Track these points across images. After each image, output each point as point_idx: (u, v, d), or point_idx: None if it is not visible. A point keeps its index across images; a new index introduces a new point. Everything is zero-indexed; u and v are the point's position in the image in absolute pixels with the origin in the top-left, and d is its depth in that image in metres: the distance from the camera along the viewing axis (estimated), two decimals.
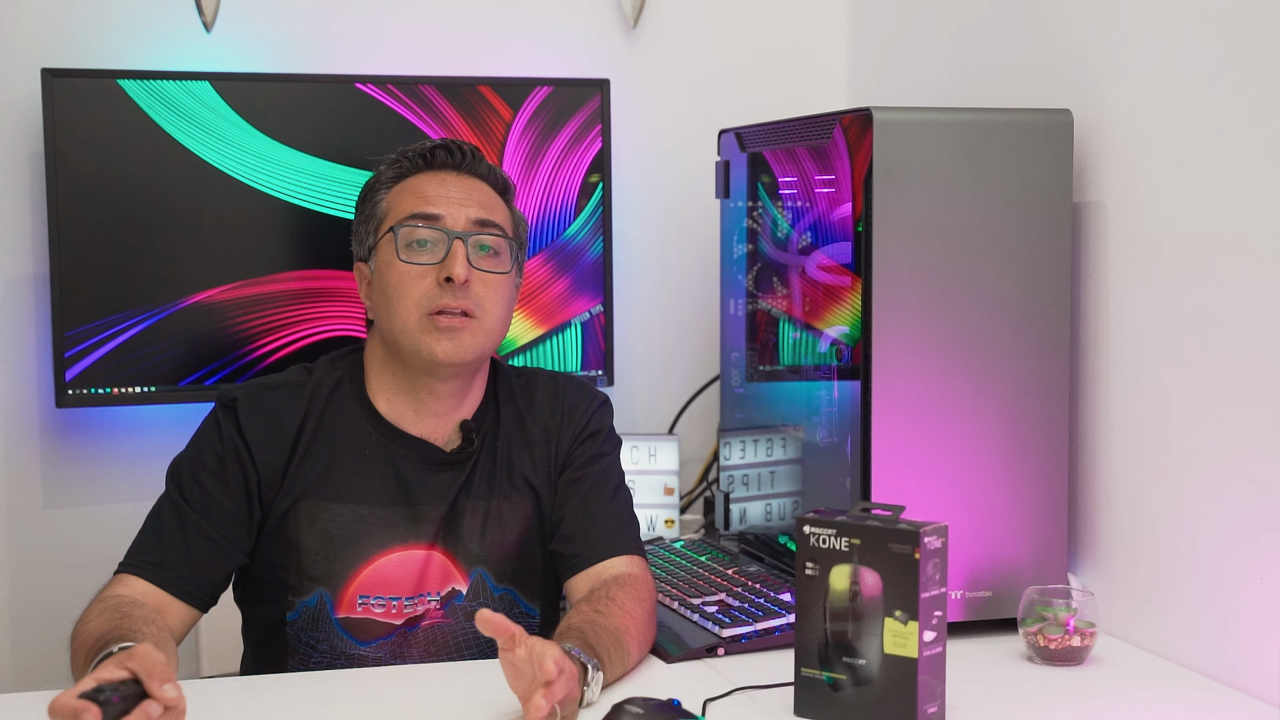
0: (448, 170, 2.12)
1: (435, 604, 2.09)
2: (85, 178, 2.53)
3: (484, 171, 2.14)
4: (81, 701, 1.54)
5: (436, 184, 2.10)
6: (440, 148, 2.12)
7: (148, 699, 1.59)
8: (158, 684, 1.60)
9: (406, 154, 2.13)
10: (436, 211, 2.07)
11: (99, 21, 2.68)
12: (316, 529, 2.06)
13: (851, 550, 1.80)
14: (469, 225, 2.07)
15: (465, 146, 2.14)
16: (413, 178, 2.11)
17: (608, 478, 2.16)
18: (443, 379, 2.08)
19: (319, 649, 2.07)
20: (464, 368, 2.07)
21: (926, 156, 2.15)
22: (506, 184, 2.17)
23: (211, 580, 2.03)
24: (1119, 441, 2.19)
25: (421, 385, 2.09)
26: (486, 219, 2.09)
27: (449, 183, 2.10)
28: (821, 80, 3.03)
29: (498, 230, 2.09)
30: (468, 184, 2.11)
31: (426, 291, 2.04)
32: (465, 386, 2.11)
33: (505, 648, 1.75)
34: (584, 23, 2.92)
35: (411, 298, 2.04)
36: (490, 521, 2.10)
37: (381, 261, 2.08)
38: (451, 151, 2.12)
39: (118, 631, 1.83)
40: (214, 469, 2.05)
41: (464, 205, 2.08)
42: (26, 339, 2.67)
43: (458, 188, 2.10)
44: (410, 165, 2.12)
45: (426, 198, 2.08)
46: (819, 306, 2.30)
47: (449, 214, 2.07)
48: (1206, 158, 2.02)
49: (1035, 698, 1.95)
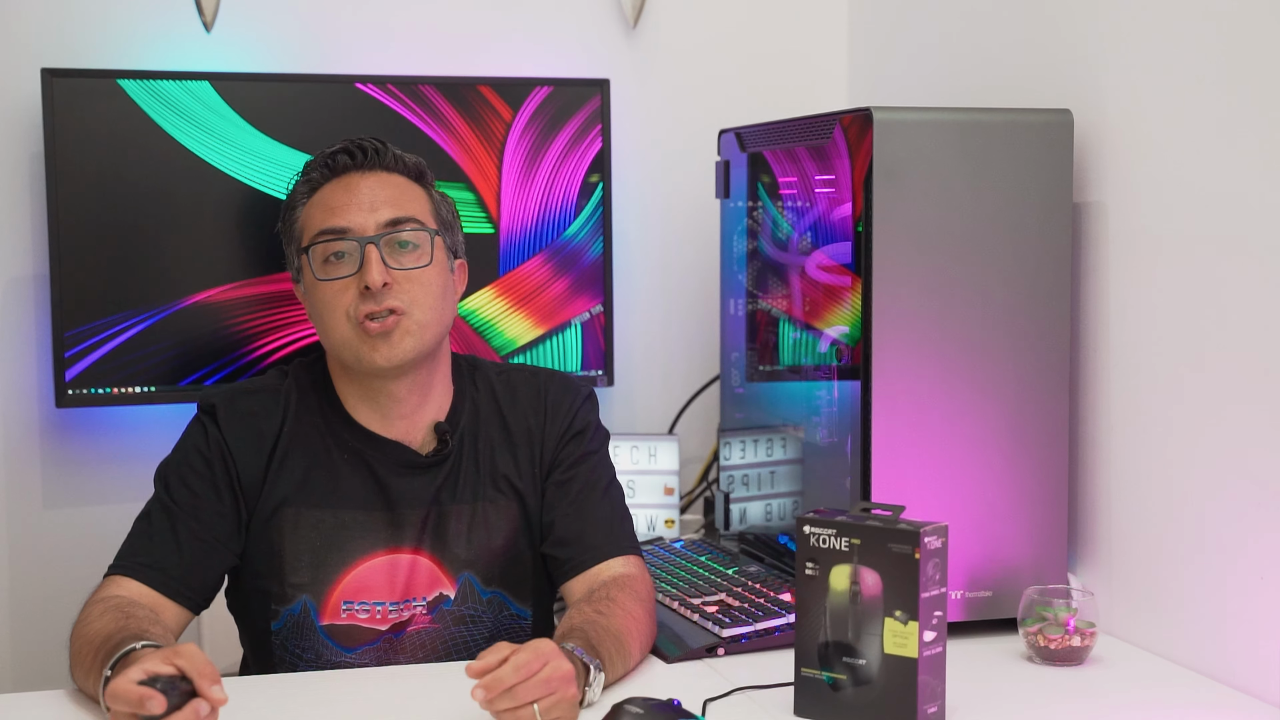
0: (352, 173, 2.08)
1: (422, 609, 2.08)
2: (85, 178, 2.53)
3: (390, 162, 2.10)
4: (147, 689, 1.60)
5: (343, 191, 2.07)
6: (341, 152, 2.09)
7: (197, 697, 1.64)
8: (208, 684, 1.65)
9: (312, 166, 2.11)
10: (343, 224, 2.04)
11: (99, 21, 2.68)
12: (299, 535, 2.05)
13: (851, 550, 1.80)
14: (379, 227, 2.04)
15: (366, 144, 2.09)
16: (321, 190, 2.09)
17: (597, 476, 2.15)
18: (393, 380, 2.07)
19: (305, 657, 2.07)
20: (408, 367, 2.05)
21: (926, 156, 2.15)
22: (420, 168, 2.12)
23: (204, 581, 2.03)
24: (1119, 441, 2.19)
25: (377, 390, 2.08)
26: (397, 216, 2.05)
27: (355, 186, 2.07)
28: (821, 80, 3.03)
29: (412, 224, 2.06)
30: (374, 182, 2.07)
31: (350, 302, 2.02)
32: (425, 384, 2.10)
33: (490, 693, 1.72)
34: (584, 23, 2.92)
35: (338, 312, 2.02)
36: (476, 525, 2.09)
37: (306, 281, 2.08)
38: (352, 154, 2.09)
39: (127, 631, 1.83)
40: (202, 471, 2.05)
41: (371, 210, 2.04)
42: (26, 339, 2.67)
43: (364, 189, 2.06)
44: (318, 176, 2.10)
45: (333, 209, 2.05)
46: (819, 306, 2.30)
47: (357, 222, 2.04)
48: (1206, 158, 2.02)
49: (1035, 698, 1.95)
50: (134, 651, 1.75)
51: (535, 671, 1.71)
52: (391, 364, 2.02)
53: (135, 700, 1.61)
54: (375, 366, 2.03)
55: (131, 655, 1.75)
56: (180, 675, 1.64)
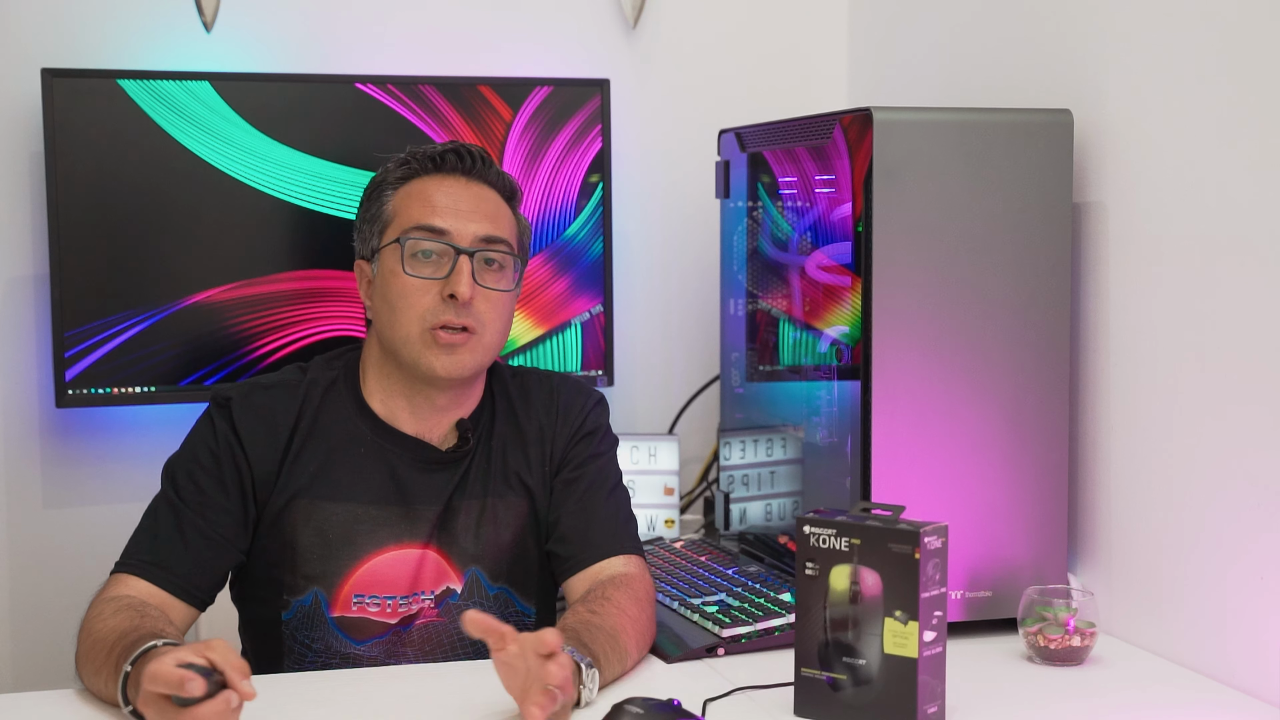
0: (457, 175, 2.10)
1: (430, 603, 2.09)
2: (85, 178, 2.53)
3: (492, 178, 2.12)
4: (187, 671, 1.62)
5: (444, 193, 2.08)
6: (451, 152, 2.10)
7: (227, 689, 1.65)
8: (240, 677, 1.66)
9: (415, 155, 2.12)
10: (443, 225, 2.05)
11: (99, 21, 2.68)
12: (311, 528, 2.06)
13: (851, 550, 1.80)
14: (475, 241, 2.06)
15: (475, 151, 2.12)
16: (420, 180, 2.10)
17: (604, 477, 2.16)
18: (440, 389, 2.09)
19: (314, 648, 2.07)
20: (462, 381, 2.08)
21: (926, 156, 2.15)
22: (514, 189, 2.15)
23: (210, 579, 2.03)
24: (1119, 441, 2.19)
25: (418, 391, 2.09)
26: (493, 235, 2.07)
27: (457, 192, 2.08)
28: (821, 80, 3.03)
29: (503, 246, 2.08)
30: (475, 192, 2.10)
31: (430, 306, 2.03)
32: (463, 393, 2.12)
33: (496, 648, 1.76)
34: (584, 23, 2.92)
35: (414, 311, 2.03)
36: (485, 520, 2.10)
37: (385, 268, 2.08)
38: (461, 156, 2.10)
39: (143, 629, 1.83)
40: (210, 468, 2.05)
41: (471, 220, 2.06)
42: (26, 339, 2.67)
43: (466, 198, 2.08)
44: (419, 167, 2.11)
45: (434, 208, 2.07)
46: (819, 306, 2.30)
47: (456, 228, 2.05)
48: (1206, 158, 2.02)
49: (1035, 698, 1.95)
50: (154, 649, 1.76)
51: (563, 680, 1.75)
52: (450, 377, 2.04)
53: (175, 681, 1.62)
54: (433, 375, 2.04)
55: (152, 653, 1.75)
56: (212, 668, 1.66)
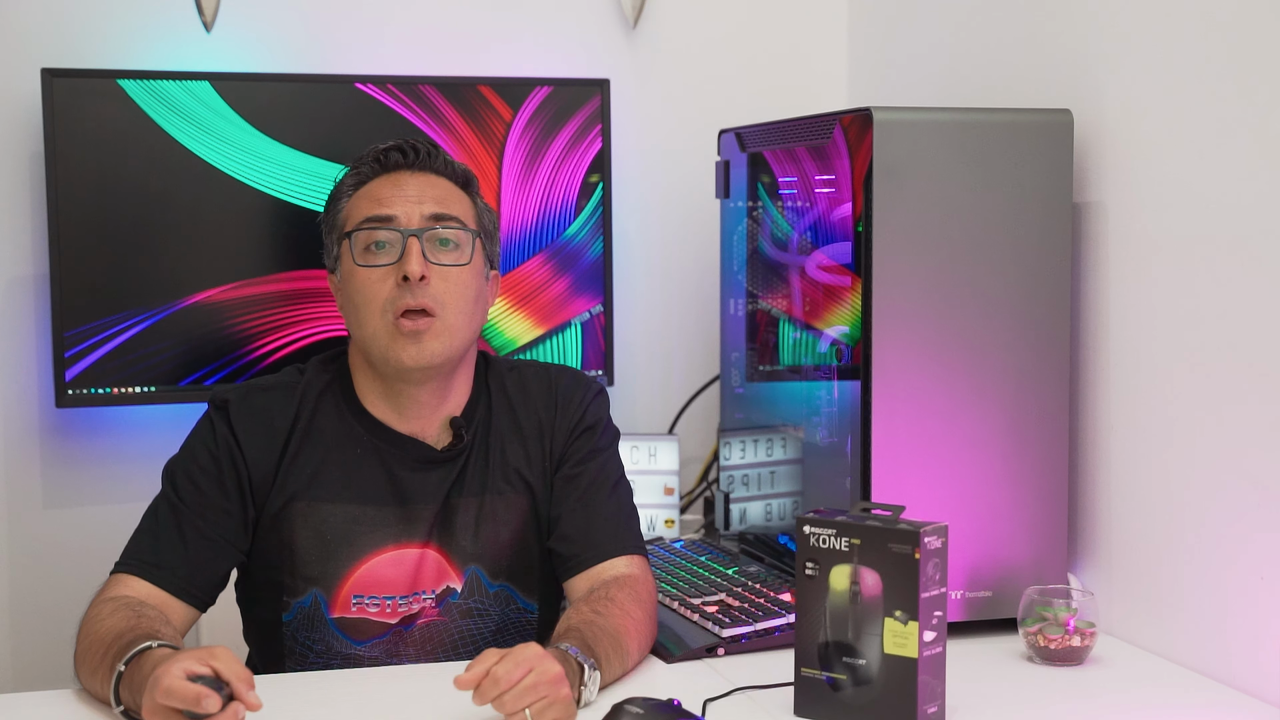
0: (402, 170, 2.09)
1: (430, 602, 2.09)
2: (85, 178, 2.53)
3: (440, 166, 2.11)
4: (204, 687, 1.62)
5: (391, 185, 2.08)
6: (394, 149, 2.10)
7: (234, 700, 1.65)
8: (245, 688, 1.67)
9: (363, 159, 2.12)
10: (389, 212, 2.05)
11: (99, 21, 2.68)
12: (310, 529, 2.06)
13: (851, 550, 1.80)
14: (423, 221, 2.05)
15: (420, 144, 2.11)
16: (369, 183, 2.10)
17: (605, 473, 2.15)
18: (416, 383, 2.07)
19: (315, 649, 2.07)
20: (434, 371, 2.06)
21: (926, 156, 2.15)
22: (468, 176, 2.14)
23: (210, 580, 2.03)
24: (1119, 441, 2.19)
25: (399, 391, 2.08)
26: (442, 213, 2.06)
27: (404, 182, 2.08)
28: (821, 80, 3.03)
29: (455, 223, 2.07)
30: (423, 180, 2.09)
31: (388, 294, 2.02)
32: (444, 386, 2.10)
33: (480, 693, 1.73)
34: (584, 23, 2.92)
35: (375, 302, 2.03)
36: (484, 518, 2.10)
37: (344, 270, 2.08)
38: (405, 151, 2.10)
39: (139, 630, 1.83)
40: (209, 469, 2.05)
41: (418, 202, 2.06)
42: (26, 339, 2.67)
43: (412, 186, 2.08)
44: (368, 171, 2.10)
45: (379, 200, 2.06)
46: (819, 306, 2.30)
47: (402, 213, 2.05)
48: (1206, 158, 2.02)
49: (1035, 698, 1.95)
50: (149, 650, 1.76)
51: (518, 680, 1.72)
52: (418, 365, 2.03)
53: (192, 697, 1.62)
54: (401, 366, 2.03)
55: (146, 654, 1.75)
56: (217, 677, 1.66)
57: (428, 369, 2.04)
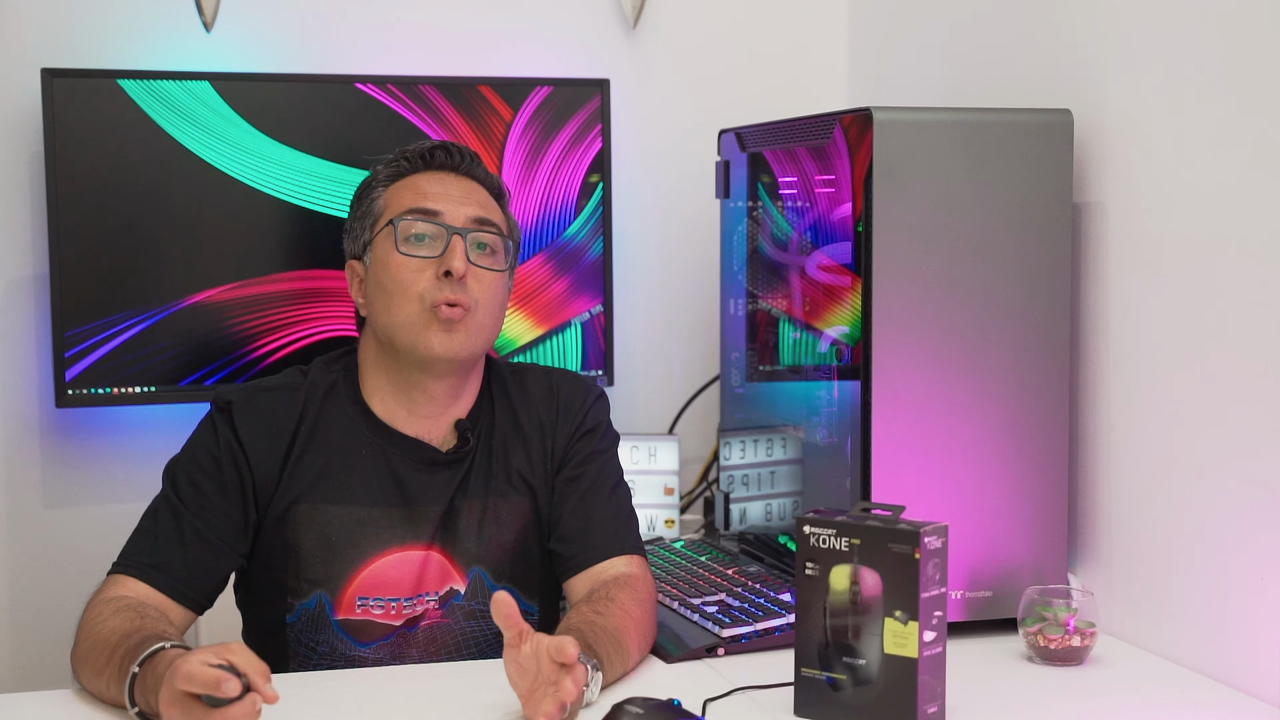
0: (446, 171, 2.13)
1: (434, 604, 2.09)
2: (85, 178, 2.53)
3: (481, 175, 2.16)
4: (223, 671, 1.63)
5: (435, 182, 2.11)
6: (439, 148, 2.14)
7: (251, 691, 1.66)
8: (262, 680, 1.67)
9: (405, 154, 2.15)
10: (436, 207, 2.08)
11: (99, 21, 2.68)
12: (314, 531, 2.06)
13: (851, 550, 1.80)
14: (468, 222, 2.08)
15: (464, 150, 2.16)
16: (410, 177, 2.13)
17: (605, 475, 2.16)
18: (436, 376, 2.08)
19: (319, 651, 2.07)
20: (458, 365, 2.07)
21: (926, 156, 2.15)
22: (502, 189, 2.19)
23: (208, 583, 2.03)
24: (1119, 441, 2.19)
25: (415, 384, 2.09)
26: (485, 217, 2.10)
27: (447, 182, 2.12)
28: (821, 80, 3.03)
29: (495, 229, 2.10)
30: (465, 185, 2.13)
31: (427, 285, 2.04)
32: (459, 385, 2.11)
33: (510, 643, 1.76)
34: (584, 23, 2.92)
35: (412, 290, 2.04)
36: (487, 520, 2.10)
37: (378, 256, 2.08)
38: (450, 153, 2.14)
39: (146, 631, 1.83)
40: (210, 471, 2.05)
41: (462, 204, 2.09)
42: (26, 339, 2.67)
43: (456, 187, 2.11)
44: (408, 165, 2.14)
45: (425, 194, 2.09)
46: (819, 306, 2.30)
47: (448, 210, 2.08)
48: (1206, 158, 2.02)
49: (1035, 698, 1.95)
50: (162, 651, 1.75)
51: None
52: (445, 355, 2.04)
53: (212, 681, 1.62)
54: (431, 354, 2.04)
55: (160, 655, 1.75)
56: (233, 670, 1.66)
57: (452, 361, 2.05)
